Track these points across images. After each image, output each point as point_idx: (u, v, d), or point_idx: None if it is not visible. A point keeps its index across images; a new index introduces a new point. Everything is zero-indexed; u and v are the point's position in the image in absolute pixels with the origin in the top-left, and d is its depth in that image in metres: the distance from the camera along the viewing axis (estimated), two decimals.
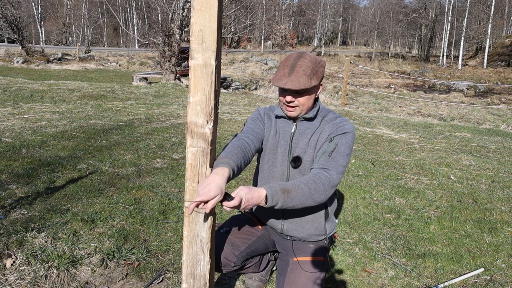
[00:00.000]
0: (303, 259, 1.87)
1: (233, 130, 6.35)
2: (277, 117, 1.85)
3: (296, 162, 1.78)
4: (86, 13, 46.44)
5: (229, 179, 1.42)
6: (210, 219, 1.43)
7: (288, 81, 1.64)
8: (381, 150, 5.80)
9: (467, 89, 22.86)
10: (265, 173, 1.87)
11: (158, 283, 2.31)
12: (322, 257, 1.89)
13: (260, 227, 1.99)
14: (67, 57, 25.11)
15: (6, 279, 2.19)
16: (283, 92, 1.73)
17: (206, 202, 1.34)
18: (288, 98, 1.70)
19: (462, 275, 2.55)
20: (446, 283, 2.46)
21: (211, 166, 1.41)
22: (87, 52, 29.69)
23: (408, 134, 7.22)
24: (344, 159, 1.69)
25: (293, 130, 1.81)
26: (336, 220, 2.02)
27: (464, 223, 3.40)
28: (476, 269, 2.64)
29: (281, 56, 34.19)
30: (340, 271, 2.54)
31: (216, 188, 1.34)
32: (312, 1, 62.84)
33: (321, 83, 1.75)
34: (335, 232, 2.02)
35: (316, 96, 1.78)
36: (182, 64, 14.12)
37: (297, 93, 1.70)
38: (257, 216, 2.01)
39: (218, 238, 1.83)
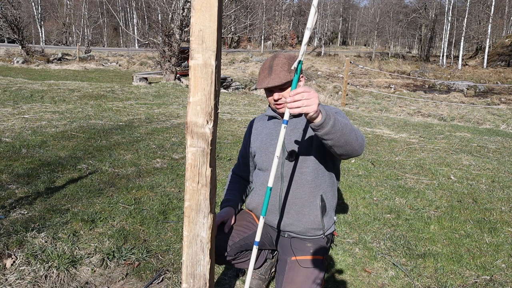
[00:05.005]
0: (301, 258, 1.86)
1: (233, 130, 6.35)
2: (269, 118, 1.97)
3: (291, 156, 1.87)
4: (86, 13, 46.41)
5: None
6: (210, 219, 1.43)
7: (270, 80, 1.75)
8: (381, 150, 5.80)
9: (467, 89, 22.86)
10: (263, 164, 1.95)
11: (158, 283, 2.31)
12: (321, 256, 1.89)
13: (257, 221, 2.00)
14: (67, 57, 25.12)
15: (6, 279, 2.19)
16: (270, 92, 1.83)
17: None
18: (276, 96, 1.81)
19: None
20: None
21: (211, 166, 1.41)
22: (87, 52, 29.68)
23: (408, 134, 7.22)
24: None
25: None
26: (335, 217, 2.02)
27: (464, 223, 3.40)
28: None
29: None
30: (340, 271, 2.54)
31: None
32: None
33: (302, 75, 1.83)
34: (334, 230, 2.02)
35: None
36: (182, 64, 14.13)
37: (282, 89, 1.79)
38: (255, 213, 2.02)
39: None
